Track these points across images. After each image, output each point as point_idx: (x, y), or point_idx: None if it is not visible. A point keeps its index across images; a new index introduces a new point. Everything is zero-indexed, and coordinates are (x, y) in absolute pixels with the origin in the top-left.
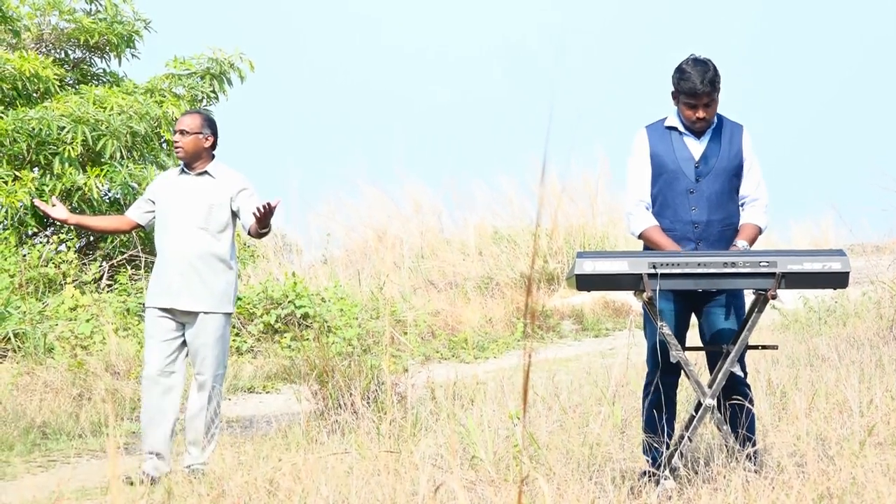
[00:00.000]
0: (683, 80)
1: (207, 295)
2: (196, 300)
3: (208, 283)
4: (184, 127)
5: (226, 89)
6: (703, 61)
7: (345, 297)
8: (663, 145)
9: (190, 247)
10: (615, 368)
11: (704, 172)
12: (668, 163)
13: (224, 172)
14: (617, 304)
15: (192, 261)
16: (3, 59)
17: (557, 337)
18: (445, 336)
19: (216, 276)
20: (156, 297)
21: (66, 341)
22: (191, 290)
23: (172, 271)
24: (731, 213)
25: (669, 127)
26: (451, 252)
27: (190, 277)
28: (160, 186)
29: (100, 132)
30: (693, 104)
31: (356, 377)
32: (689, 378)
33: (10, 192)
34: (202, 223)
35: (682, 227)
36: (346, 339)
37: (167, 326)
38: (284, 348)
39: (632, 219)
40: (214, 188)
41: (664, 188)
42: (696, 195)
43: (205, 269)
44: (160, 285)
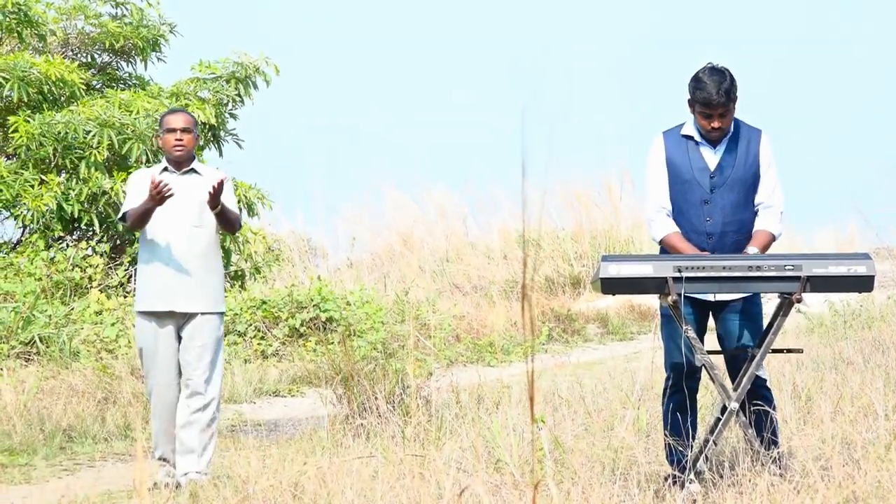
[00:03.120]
0: (699, 90)
1: (205, 295)
2: (195, 301)
3: (205, 283)
4: (185, 125)
5: (251, 93)
6: (719, 70)
7: (370, 300)
8: (679, 154)
9: (186, 246)
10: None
11: (719, 183)
12: (683, 172)
13: (208, 169)
14: (642, 307)
15: (188, 260)
16: (29, 64)
17: (582, 341)
18: (470, 340)
19: (212, 276)
20: (152, 301)
21: (92, 345)
22: (189, 292)
23: (169, 273)
24: (746, 222)
25: (685, 136)
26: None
27: (187, 278)
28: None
29: (125, 136)
30: (708, 114)
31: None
32: (713, 381)
33: (36, 196)
34: (196, 221)
35: (696, 238)
36: (371, 343)
37: (166, 331)
38: (309, 352)
39: (653, 225)
40: (203, 185)
41: (679, 197)
42: (711, 206)
43: (201, 269)
44: (155, 288)
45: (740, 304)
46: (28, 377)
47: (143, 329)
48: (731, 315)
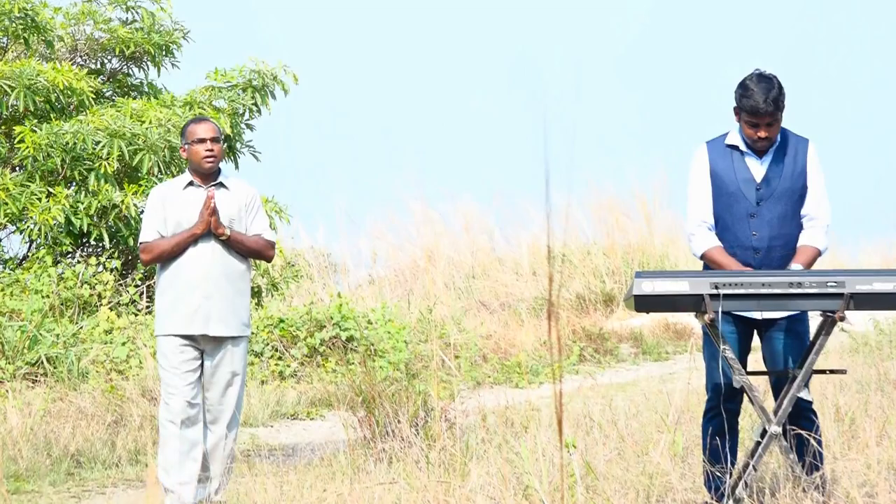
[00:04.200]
0: (746, 98)
1: (236, 319)
2: (226, 325)
3: (235, 306)
4: (215, 134)
5: (268, 103)
6: (767, 77)
7: (392, 319)
8: (723, 164)
9: (215, 266)
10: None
11: (766, 195)
12: (728, 184)
13: (236, 183)
14: (678, 326)
15: (218, 282)
16: (35, 71)
17: (615, 361)
18: (498, 360)
19: (241, 298)
20: (178, 324)
21: (101, 365)
22: (221, 315)
23: (198, 294)
24: (794, 236)
25: (730, 145)
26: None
27: (218, 300)
28: (168, 203)
29: (137, 147)
30: (755, 123)
31: (404, 403)
32: (753, 404)
33: (43, 209)
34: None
35: (742, 253)
36: (394, 364)
37: (190, 356)
38: (329, 373)
39: (693, 239)
40: (231, 200)
41: (723, 210)
42: (757, 219)
43: (231, 291)
44: (183, 311)
45: (786, 322)
46: (34, 399)
47: (170, 351)
48: (775, 334)
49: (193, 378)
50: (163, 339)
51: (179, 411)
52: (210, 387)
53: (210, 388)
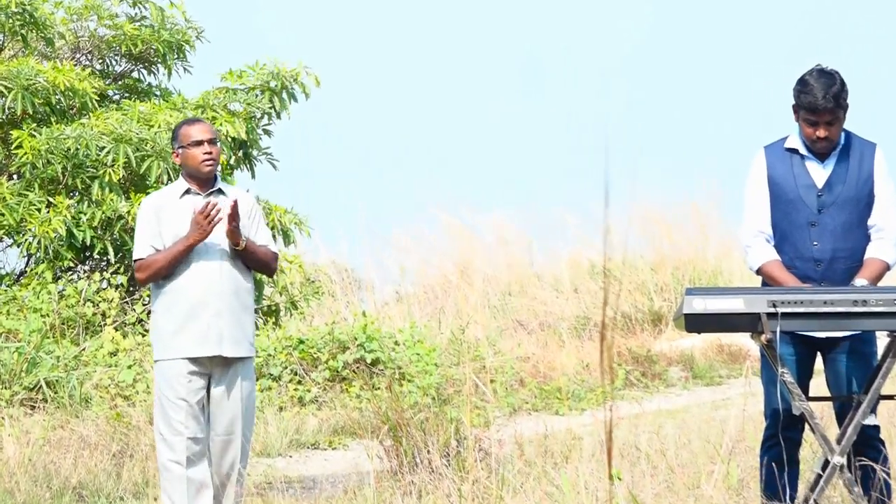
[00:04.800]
0: (804, 94)
1: (245, 337)
2: (238, 345)
3: (244, 324)
4: (212, 135)
5: (287, 107)
6: (829, 73)
7: (421, 339)
8: (782, 169)
9: (223, 282)
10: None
11: (828, 202)
12: (787, 190)
13: (235, 190)
14: (732, 347)
15: (227, 298)
16: (34, 71)
17: (664, 385)
18: (536, 384)
19: (249, 315)
20: (188, 347)
21: (106, 390)
22: (232, 334)
23: (208, 312)
24: (859, 247)
25: (790, 149)
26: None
27: (227, 318)
28: (163, 214)
29: (144, 153)
30: (813, 121)
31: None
32: (814, 432)
33: (43, 221)
34: (230, 252)
35: (802, 265)
36: (423, 389)
37: (198, 384)
38: (353, 398)
39: (749, 252)
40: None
41: (782, 219)
42: (819, 228)
43: (239, 307)
44: (192, 331)
45: (850, 343)
46: (33, 427)
47: (177, 379)
48: (839, 356)
49: (199, 408)
50: (168, 364)
51: (184, 450)
52: (219, 416)
53: (219, 417)
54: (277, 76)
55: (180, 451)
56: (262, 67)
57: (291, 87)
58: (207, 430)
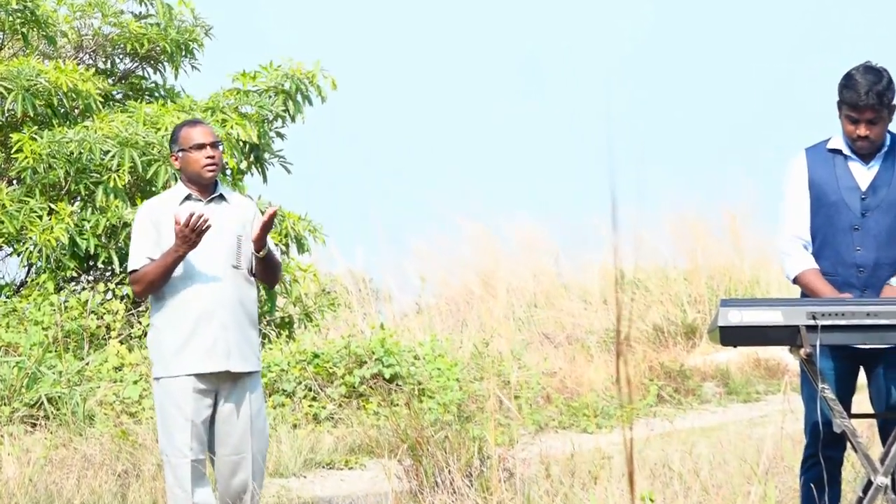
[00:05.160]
0: (847, 89)
1: (252, 351)
2: (245, 359)
3: (250, 336)
4: (215, 138)
5: (302, 109)
6: (875, 70)
7: (443, 353)
8: (824, 171)
9: (228, 292)
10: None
11: (872, 205)
12: (829, 193)
13: (237, 196)
14: (770, 362)
15: (234, 310)
16: (35, 71)
17: (698, 402)
18: (563, 401)
19: (255, 327)
20: (194, 362)
21: (111, 407)
22: (240, 347)
23: (214, 325)
24: None
25: (833, 150)
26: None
27: (234, 331)
28: (163, 222)
29: (151, 157)
30: (855, 118)
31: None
32: (856, 451)
33: (44, 229)
34: (234, 260)
35: (844, 272)
36: (444, 405)
37: (206, 402)
38: (371, 415)
39: (786, 260)
40: (235, 216)
41: (824, 224)
42: (862, 233)
43: (246, 319)
44: (199, 345)
45: (894, 356)
46: (34, 446)
47: (183, 397)
48: (883, 370)
49: (205, 428)
50: (172, 382)
51: (189, 473)
52: (227, 434)
53: (227, 436)
54: (292, 77)
55: (185, 476)
56: (276, 68)
57: (307, 89)
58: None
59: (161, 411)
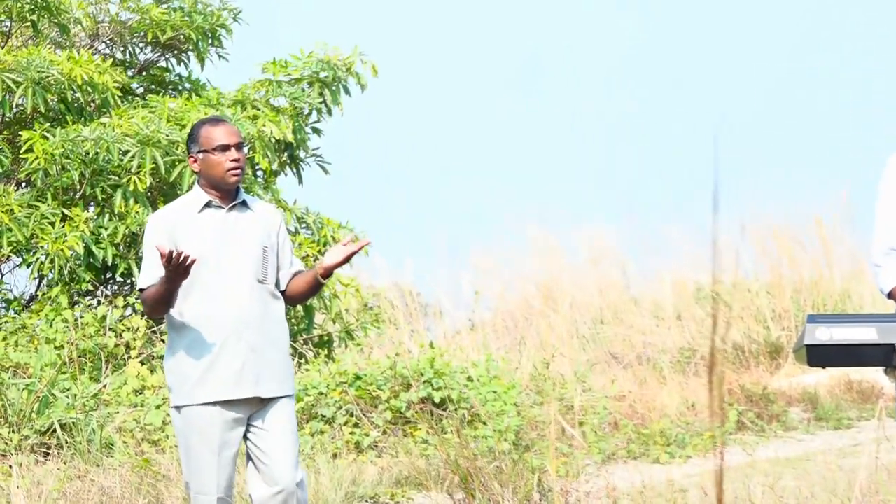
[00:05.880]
0: None
1: (284, 373)
2: (279, 383)
3: (282, 357)
4: (239, 139)
5: (340, 101)
6: None
7: (498, 375)
8: None
9: (255, 310)
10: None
11: None
12: None
13: (259, 203)
14: (863, 384)
15: (261, 329)
16: (47, 62)
17: (782, 429)
18: (632, 428)
19: (286, 346)
20: (220, 388)
21: (130, 434)
22: (272, 370)
23: (242, 347)
24: None
25: None
26: (641, 315)
27: (265, 352)
28: (179, 232)
29: (175, 157)
30: None
31: (513, 482)
32: None
33: (57, 237)
34: (260, 274)
35: None
36: (500, 432)
37: (236, 433)
38: (418, 444)
39: (880, 273)
40: (260, 225)
41: None
42: None
43: (276, 338)
44: (224, 369)
45: None
46: (46, 477)
47: (209, 427)
48: None
49: (232, 464)
50: (195, 411)
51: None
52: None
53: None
54: (328, 65)
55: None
56: (309, 55)
57: (345, 77)
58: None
59: (184, 443)
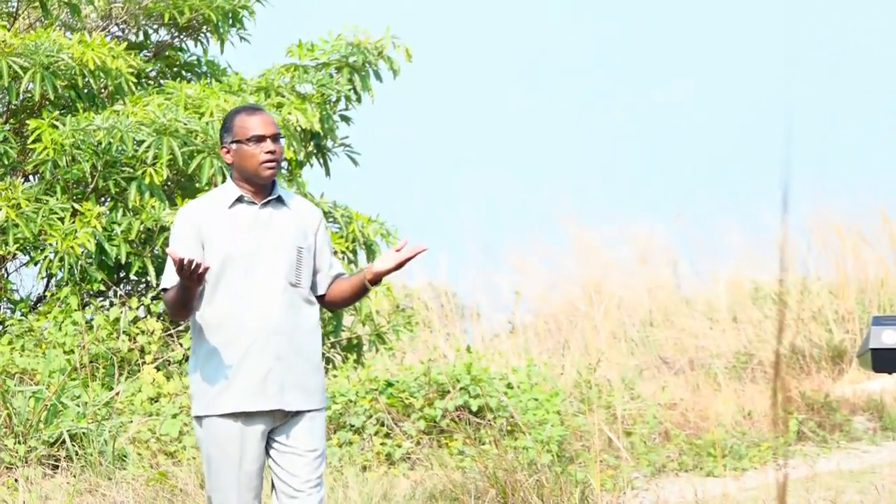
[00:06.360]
0: None
1: (315, 385)
2: (307, 395)
3: (312, 368)
4: (276, 129)
5: (371, 87)
6: None
7: (540, 381)
8: None
9: (285, 316)
10: None
11: None
12: None
13: (296, 199)
14: None
15: (290, 336)
16: (56, 46)
17: (846, 439)
18: (684, 438)
19: (317, 356)
20: (244, 398)
21: (145, 445)
22: (298, 381)
23: (267, 355)
24: None
25: None
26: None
27: (292, 362)
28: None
29: (194, 147)
30: None
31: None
32: None
33: (67, 233)
34: (293, 277)
35: None
36: (542, 443)
37: (256, 446)
38: (454, 455)
39: None
40: (295, 223)
41: None
42: None
43: (306, 347)
44: (246, 378)
45: None
46: (54, 491)
47: (225, 433)
48: None
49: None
50: (216, 422)
51: None
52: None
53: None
54: (358, 49)
55: None
56: (338, 38)
57: (376, 62)
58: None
59: (205, 456)
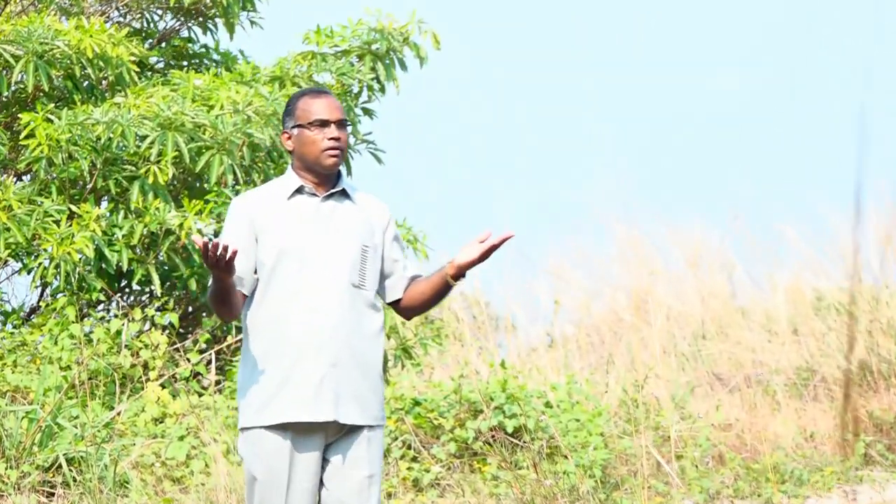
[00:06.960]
0: None
1: (374, 398)
2: (363, 408)
3: (371, 379)
4: (342, 115)
5: (396, 77)
6: None
7: (582, 400)
8: None
9: (344, 321)
10: None
11: None
12: None
13: (363, 194)
14: None
15: (349, 341)
16: (51, 32)
17: None
18: (740, 462)
19: (377, 367)
20: (293, 408)
21: (149, 470)
22: (355, 392)
23: (322, 361)
24: None
25: None
26: (750, 329)
27: (349, 371)
28: (262, 220)
29: (202, 143)
30: None
31: None
32: None
33: (63, 238)
34: (357, 277)
35: None
36: (584, 467)
37: (307, 463)
38: (488, 481)
39: None
40: (361, 220)
41: None
42: None
43: (366, 355)
44: (296, 387)
45: None
46: None
47: (271, 448)
48: None
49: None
50: (262, 435)
51: None
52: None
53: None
54: (382, 35)
55: None
56: (359, 23)
57: (401, 49)
58: None
59: (247, 475)
